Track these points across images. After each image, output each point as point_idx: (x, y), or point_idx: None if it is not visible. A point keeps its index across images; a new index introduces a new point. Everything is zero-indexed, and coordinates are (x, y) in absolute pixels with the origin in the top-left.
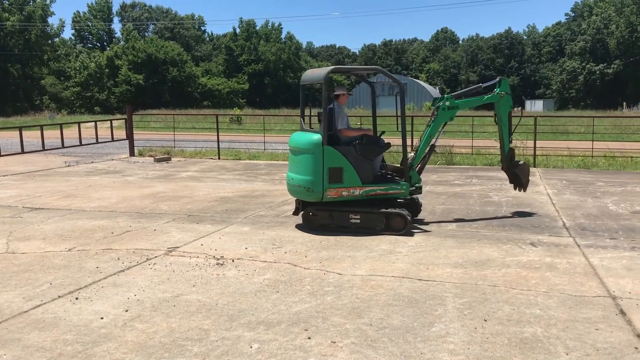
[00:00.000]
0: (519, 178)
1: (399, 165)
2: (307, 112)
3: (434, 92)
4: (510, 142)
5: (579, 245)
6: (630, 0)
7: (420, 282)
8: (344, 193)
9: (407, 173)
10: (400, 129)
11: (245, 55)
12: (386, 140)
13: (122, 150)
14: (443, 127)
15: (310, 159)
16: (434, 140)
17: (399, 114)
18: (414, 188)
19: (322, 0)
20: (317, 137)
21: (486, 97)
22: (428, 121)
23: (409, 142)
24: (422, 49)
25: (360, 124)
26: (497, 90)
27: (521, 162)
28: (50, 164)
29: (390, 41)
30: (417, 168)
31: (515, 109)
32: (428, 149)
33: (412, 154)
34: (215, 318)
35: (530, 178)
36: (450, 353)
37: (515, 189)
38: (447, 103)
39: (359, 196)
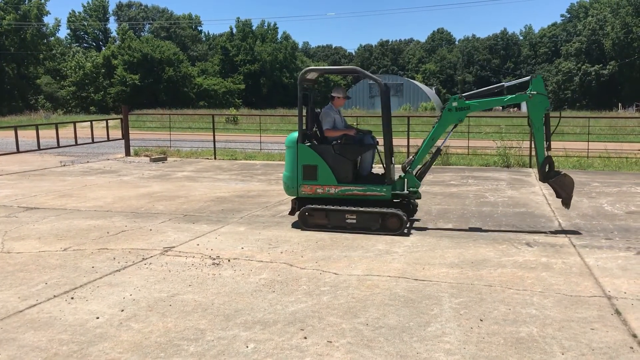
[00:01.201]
0: (557, 192)
1: (397, 166)
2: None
3: (430, 92)
4: (548, 149)
5: (574, 246)
6: (625, 2)
7: (417, 282)
8: (318, 190)
9: (389, 175)
10: (386, 129)
11: (241, 56)
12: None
13: (117, 150)
14: (452, 129)
15: (289, 155)
16: (440, 143)
17: (393, 114)
18: (407, 192)
19: (318, 1)
20: (295, 135)
21: (509, 97)
22: (434, 123)
23: (404, 142)
24: (418, 49)
25: (357, 124)
26: (529, 90)
27: (561, 173)
28: (46, 163)
29: (387, 41)
30: (417, 172)
31: (512, 109)
32: (433, 152)
33: (411, 157)
34: (211, 318)
35: (529, 179)
36: (446, 353)
37: (562, 205)
38: (455, 104)
39: (335, 195)
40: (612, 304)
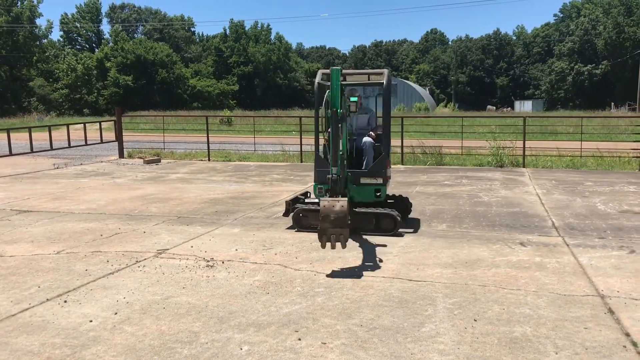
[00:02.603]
0: None
1: None
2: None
3: (424, 92)
4: (338, 166)
5: (568, 245)
6: (617, 2)
7: (411, 282)
8: None
9: (316, 172)
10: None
11: (234, 57)
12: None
13: (111, 152)
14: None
15: None
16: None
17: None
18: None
19: (311, 2)
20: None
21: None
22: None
23: (398, 143)
24: (412, 50)
25: None
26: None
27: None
28: (39, 166)
29: (381, 42)
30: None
31: (505, 109)
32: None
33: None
34: (205, 320)
35: (523, 179)
36: (440, 353)
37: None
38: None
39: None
40: (606, 303)
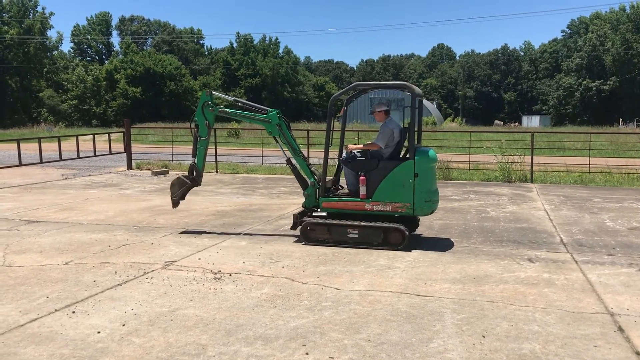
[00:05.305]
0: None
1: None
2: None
3: (431, 107)
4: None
5: (576, 262)
6: (625, 18)
7: (419, 297)
8: None
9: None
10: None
11: (242, 70)
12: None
13: (119, 163)
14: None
15: None
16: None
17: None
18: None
19: (319, 16)
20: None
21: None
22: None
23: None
24: (419, 64)
25: (358, 139)
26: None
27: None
28: (48, 176)
29: (388, 56)
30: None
31: (513, 124)
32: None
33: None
34: (212, 333)
35: (531, 194)
36: None
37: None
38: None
39: None
40: (615, 321)
